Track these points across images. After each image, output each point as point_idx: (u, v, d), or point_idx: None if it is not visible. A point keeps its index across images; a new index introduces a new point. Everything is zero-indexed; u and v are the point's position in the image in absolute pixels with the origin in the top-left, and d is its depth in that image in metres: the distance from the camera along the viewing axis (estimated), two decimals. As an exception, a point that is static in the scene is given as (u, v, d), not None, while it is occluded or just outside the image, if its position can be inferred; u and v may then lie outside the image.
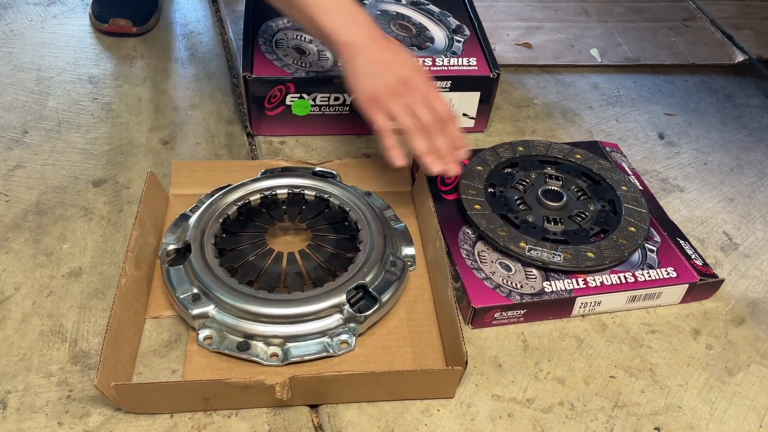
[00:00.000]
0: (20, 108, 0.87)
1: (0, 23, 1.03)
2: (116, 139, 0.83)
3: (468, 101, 0.86)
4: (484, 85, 0.85)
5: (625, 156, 0.84)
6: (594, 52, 1.06)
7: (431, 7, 0.97)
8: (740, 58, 1.05)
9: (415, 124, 0.66)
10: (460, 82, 0.84)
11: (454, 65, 0.85)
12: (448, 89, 0.84)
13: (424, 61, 0.85)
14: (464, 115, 0.87)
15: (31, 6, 1.08)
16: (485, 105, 0.86)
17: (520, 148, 0.79)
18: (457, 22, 0.94)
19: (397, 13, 0.95)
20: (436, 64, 0.85)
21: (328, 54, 0.85)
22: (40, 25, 1.03)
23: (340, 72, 0.74)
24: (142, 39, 1.02)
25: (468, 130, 0.89)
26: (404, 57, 0.69)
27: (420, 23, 0.93)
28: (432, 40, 0.90)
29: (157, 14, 1.06)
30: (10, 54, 0.96)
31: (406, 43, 0.89)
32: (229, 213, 0.70)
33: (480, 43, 0.90)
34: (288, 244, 0.71)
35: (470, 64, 0.86)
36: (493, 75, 0.84)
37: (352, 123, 0.85)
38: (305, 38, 0.88)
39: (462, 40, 0.90)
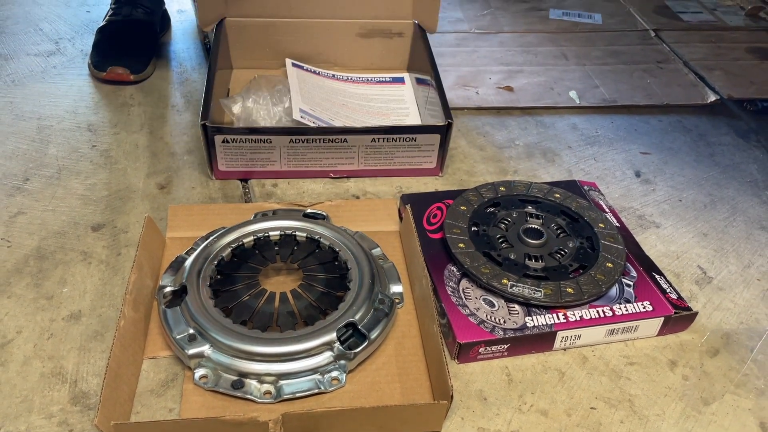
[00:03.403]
0: (22, 156, 0.90)
1: (2, 73, 1.07)
2: (114, 184, 0.87)
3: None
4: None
5: (602, 194, 0.87)
6: (573, 94, 1.11)
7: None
8: (712, 98, 1.10)
9: None
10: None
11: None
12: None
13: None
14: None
15: (32, 57, 1.12)
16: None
17: (502, 188, 0.83)
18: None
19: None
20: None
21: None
22: (40, 75, 1.08)
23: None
24: (139, 87, 1.06)
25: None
26: None
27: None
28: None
29: (153, 62, 1.10)
30: (12, 104, 1.00)
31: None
32: (224, 255, 0.72)
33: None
34: (280, 284, 0.74)
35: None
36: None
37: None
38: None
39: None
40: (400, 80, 1.08)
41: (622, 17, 1.37)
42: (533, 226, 0.77)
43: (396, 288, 0.73)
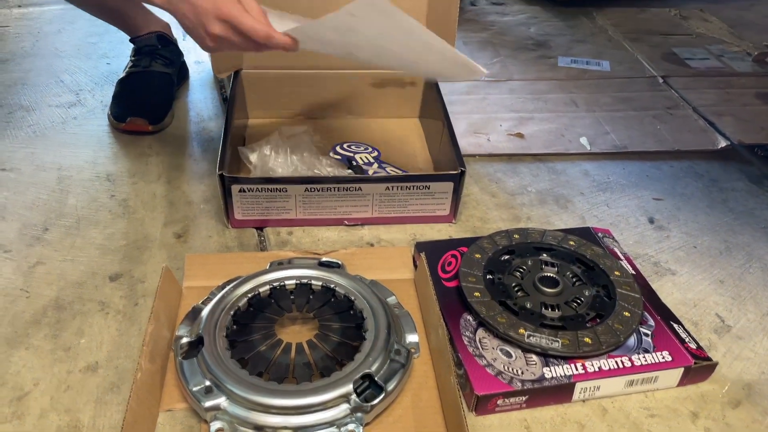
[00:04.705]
0: (42, 206, 0.92)
1: (24, 125, 1.10)
2: (132, 234, 0.88)
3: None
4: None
5: (617, 241, 0.87)
6: (583, 140, 1.12)
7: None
8: (723, 143, 1.10)
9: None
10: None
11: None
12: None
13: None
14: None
15: (53, 108, 1.15)
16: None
17: (516, 236, 0.83)
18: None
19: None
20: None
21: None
22: (61, 126, 1.10)
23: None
24: (157, 136, 1.09)
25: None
26: None
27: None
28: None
29: (171, 112, 1.13)
30: (33, 154, 1.03)
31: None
32: (240, 305, 0.73)
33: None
34: (296, 333, 0.74)
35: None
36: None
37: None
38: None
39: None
40: None
41: (630, 64, 1.39)
42: (549, 274, 0.77)
43: (412, 338, 0.73)
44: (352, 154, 1.05)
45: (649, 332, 0.72)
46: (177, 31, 1.30)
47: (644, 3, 1.70)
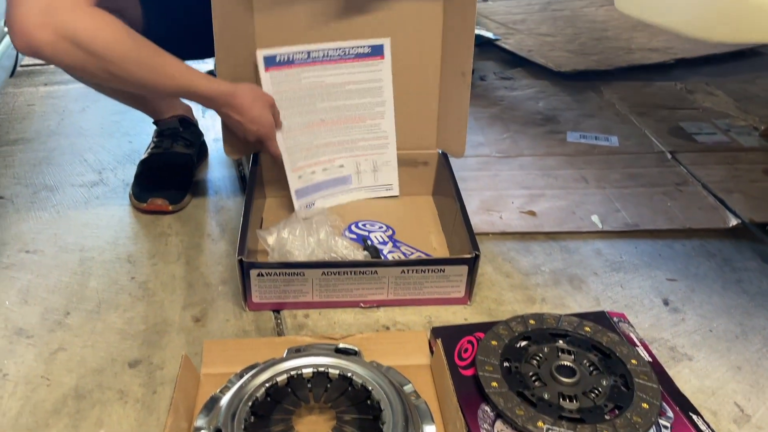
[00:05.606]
0: (64, 289, 0.94)
1: (48, 205, 1.13)
2: (151, 318, 0.89)
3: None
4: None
5: (632, 326, 0.88)
6: (595, 218, 1.13)
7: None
8: (734, 222, 1.12)
9: None
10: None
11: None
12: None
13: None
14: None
15: (76, 188, 1.18)
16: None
17: (532, 321, 0.84)
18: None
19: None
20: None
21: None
22: (84, 206, 1.13)
23: None
24: (177, 216, 1.11)
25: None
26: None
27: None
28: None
29: (191, 192, 1.16)
30: (56, 235, 1.05)
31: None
32: (258, 395, 0.73)
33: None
34: (313, 424, 0.74)
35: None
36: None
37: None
38: None
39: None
40: (379, 52, 1.08)
41: (638, 139, 1.42)
42: (566, 362, 0.77)
43: (429, 429, 0.72)
44: (367, 233, 1.07)
45: (668, 425, 0.71)
46: (197, 112, 1.34)
47: (649, 77, 1.74)
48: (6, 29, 0.80)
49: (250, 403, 0.72)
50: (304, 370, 0.77)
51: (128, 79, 0.86)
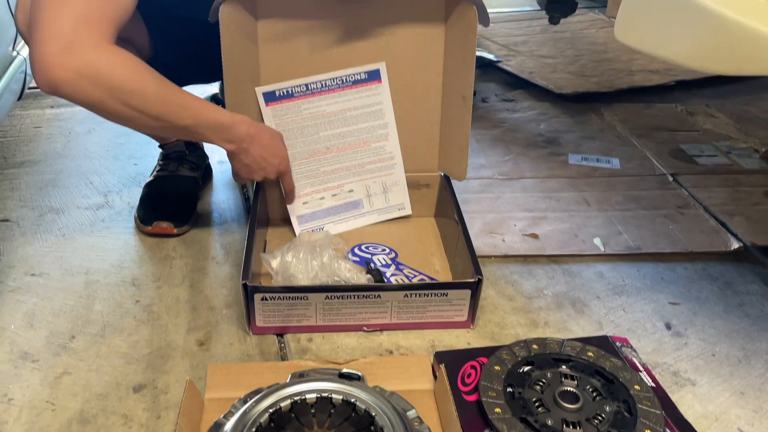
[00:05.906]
0: (69, 313, 0.94)
1: (54, 228, 1.14)
2: (156, 341, 0.89)
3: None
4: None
5: (635, 350, 0.88)
6: (597, 241, 1.14)
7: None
8: (735, 245, 1.12)
9: None
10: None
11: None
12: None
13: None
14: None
15: (81, 210, 1.19)
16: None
17: (535, 346, 0.84)
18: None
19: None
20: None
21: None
22: (89, 229, 1.14)
23: None
24: (182, 238, 1.12)
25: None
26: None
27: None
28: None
29: (195, 215, 1.17)
30: (62, 258, 1.06)
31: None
32: (261, 421, 0.73)
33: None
34: (317, 450, 0.74)
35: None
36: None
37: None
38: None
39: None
40: (376, 76, 1.10)
41: (639, 161, 1.43)
42: (569, 388, 0.78)
43: (433, 455, 0.72)
44: (370, 256, 1.08)
45: (672, 451, 0.71)
46: (202, 134, 1.35)
47: (650, 99, 1.75)
48: (27, 60, 0.82)
49: (253, 429, 0.72)
50: (308, 396, 0.77)
51: (148, 113, 0.86)
